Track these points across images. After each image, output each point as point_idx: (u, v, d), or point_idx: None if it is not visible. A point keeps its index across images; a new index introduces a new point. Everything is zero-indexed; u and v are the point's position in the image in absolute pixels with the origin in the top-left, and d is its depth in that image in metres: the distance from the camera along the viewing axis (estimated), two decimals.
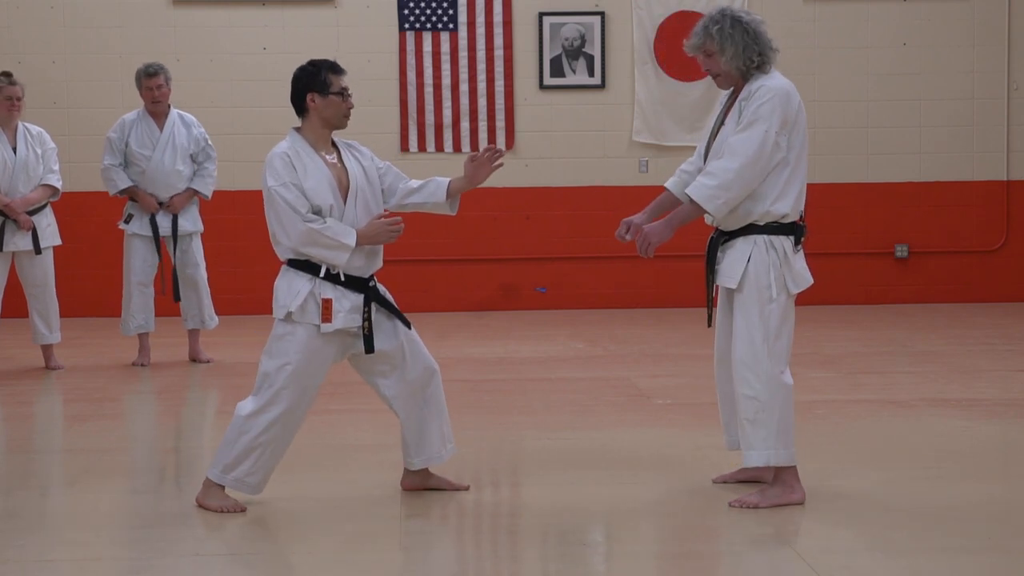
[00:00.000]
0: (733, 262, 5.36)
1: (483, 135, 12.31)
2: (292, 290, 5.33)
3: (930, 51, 12.57)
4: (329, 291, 5.31)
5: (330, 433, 7.01)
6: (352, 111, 5.46)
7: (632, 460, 6.20)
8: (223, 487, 5.35)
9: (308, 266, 5.32)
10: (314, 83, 5.37)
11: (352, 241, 5.26)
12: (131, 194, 9.26)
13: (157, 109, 9.28)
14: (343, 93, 5.40)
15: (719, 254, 5.43)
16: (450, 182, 5.52)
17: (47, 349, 9.21)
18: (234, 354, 9.71)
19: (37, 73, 11.83)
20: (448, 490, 5.60)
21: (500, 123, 12.35)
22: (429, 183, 5.54)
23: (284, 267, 5.41)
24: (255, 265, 12.38)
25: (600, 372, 8.85)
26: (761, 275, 5.31)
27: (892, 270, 12.72)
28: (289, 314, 5.31)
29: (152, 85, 9.23)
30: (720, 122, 5.46)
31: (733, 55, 5.35)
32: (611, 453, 6.37)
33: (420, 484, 5.59)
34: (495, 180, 5.56)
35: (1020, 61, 12.60)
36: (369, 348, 5.35)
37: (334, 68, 5.42)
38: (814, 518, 5.18)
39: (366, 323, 5.33)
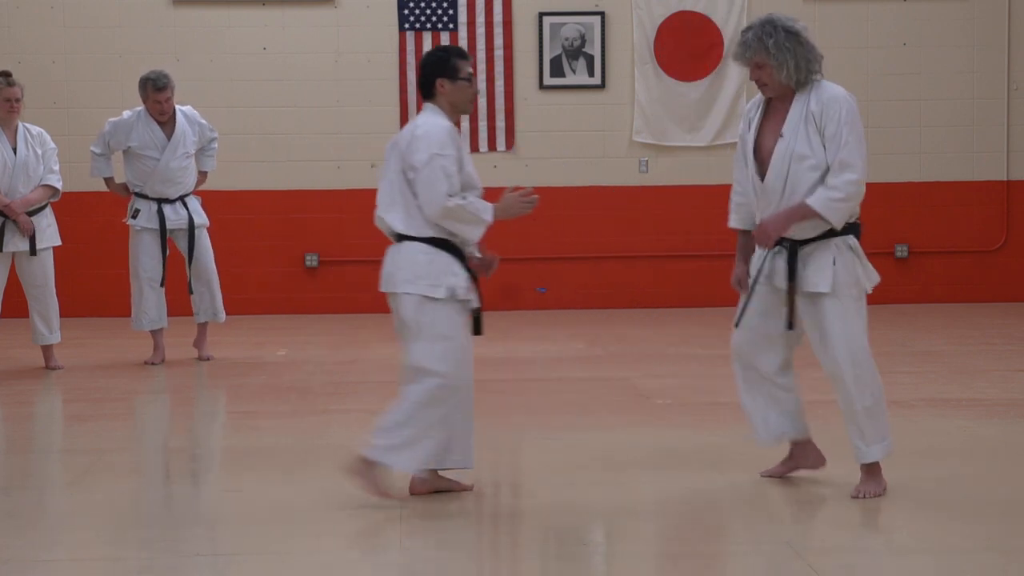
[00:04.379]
0: (820, 267, 5.38)
1: (483, 135, 12.31)
2: (449, 268, 5.37)
3: (930, 51, 12.57)
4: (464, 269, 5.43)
5: (329, 433, 7.01)
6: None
7: (632, 460, 6.20)
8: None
9: (448, 245, 5.39)
10: (444, 69, 5.45)
11: (490, 216, 5.38)
12: (107, 184, 9.50)
13: (163, 118, 9.29)
14: (470, 78, 5.49)
15: (798, 263, 5.41)
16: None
17: (47, 349, 9.21)
18: (235, 353, 9.71)
19: (37, 73, 11.83)
20: (456, 491, 5.58)
21: (500, 123, 12.35)
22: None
23: (422, 244, 5.39)
24: (255, 265, 12.39)
25: (600, 372, 8.84)
26: (850, 275, 5.38)
27: (892, 270, 12.71)
28: (453, 292, 5.35)
29: (161, 99, 9.20)
30: (769, 133, 5.46)
31: (795, 69, 5.35)
32: (611, 453, 6.37)
33: (430, 488, 5.54)
34: (495, 180, 5.59)
35: (1020, 61, 12.61)
36: (478, 330, 5.52)
37: (462, 54, 5.52)
38: (814, 518, 5.18)
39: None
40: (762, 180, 5.43)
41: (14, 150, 9.03)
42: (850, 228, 5.41)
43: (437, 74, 5.46)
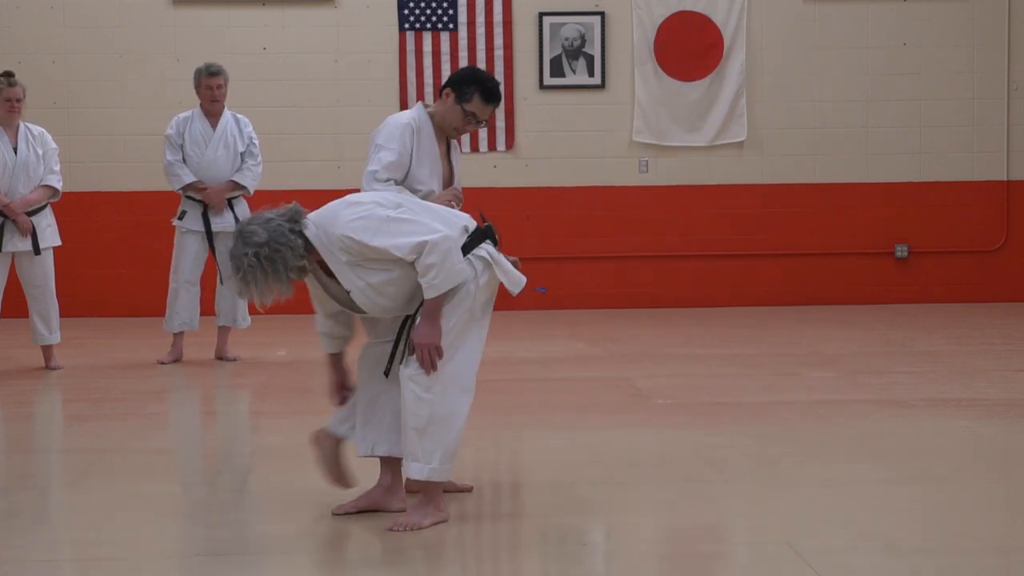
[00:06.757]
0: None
1: (483, 135, 12.30)
2: None
3: (930, 51, 12.57)
4: None
5: None
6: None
7: (632, 460, 6.20)
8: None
9: None
10: (461, 89, 5.45)
11: None
12: (193, 189, 9.28)
13: (214, 108, 9.33)
14: (472, 117, 5.45)
15: None
16: None
17: (47, 349, 9.21)
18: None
19: (37, 73, 11.83)
20: (452, 492, 5.58)
21: (500, 123, 12.35)
22: None
23: None
24: None
25: (600, 372, 8.84)
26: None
27: (892, 270, 12.72)
28: None
29: (213, 84, 9.30)
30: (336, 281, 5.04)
31: (285, 285, 4.97)
32: (611, 453, 6.37)
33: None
34: (495, 180, 5.56)
35: (1020, 61, 12.61)
36: None
37: (487, 94, 5.43)
38: (814, 518, 5.18)
39: None
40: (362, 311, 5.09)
41: (15, 150, 9.03)
42: (473, 242, 5.00)
43: (453, 86, 5.49)
